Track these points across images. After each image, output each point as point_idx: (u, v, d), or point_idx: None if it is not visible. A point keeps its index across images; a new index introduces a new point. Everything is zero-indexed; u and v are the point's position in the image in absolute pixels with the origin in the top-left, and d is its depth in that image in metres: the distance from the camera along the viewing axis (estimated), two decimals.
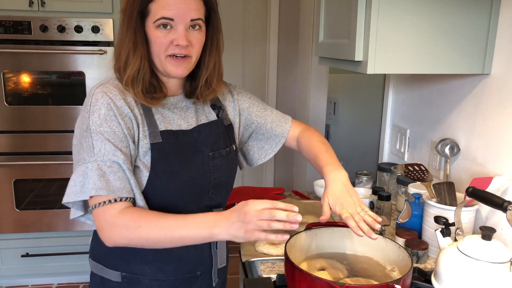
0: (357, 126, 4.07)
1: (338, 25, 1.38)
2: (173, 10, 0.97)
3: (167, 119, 1.07)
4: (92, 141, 0.96)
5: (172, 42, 0.99)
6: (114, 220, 0.95)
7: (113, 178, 0.95)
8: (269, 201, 0.87)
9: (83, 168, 0.96)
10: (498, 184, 1.21)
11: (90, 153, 0.96)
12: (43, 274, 2.79)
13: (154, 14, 0.98)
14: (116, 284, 1.11)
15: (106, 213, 0.95)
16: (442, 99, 1.56)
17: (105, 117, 0.97)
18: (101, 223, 0.96)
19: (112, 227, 0.95)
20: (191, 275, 1.15)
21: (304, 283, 0.95)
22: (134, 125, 1.01)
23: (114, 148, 0.96)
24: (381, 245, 1.12)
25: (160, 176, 1.03)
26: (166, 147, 1.03)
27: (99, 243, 1.03)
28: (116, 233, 0.95)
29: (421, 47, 1.22)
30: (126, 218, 0.95)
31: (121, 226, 0.95)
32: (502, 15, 1.24)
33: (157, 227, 0.94)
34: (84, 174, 0.96)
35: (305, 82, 3.05)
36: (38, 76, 2.50)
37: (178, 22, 0.98)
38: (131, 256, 1.09)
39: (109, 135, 0.97)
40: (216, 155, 1.12)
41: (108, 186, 0.94)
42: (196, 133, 1.09)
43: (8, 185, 2.58)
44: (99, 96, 0.99)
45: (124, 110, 1.00)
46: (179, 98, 1.12)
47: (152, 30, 1.00)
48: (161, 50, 1.00)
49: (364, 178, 1.78)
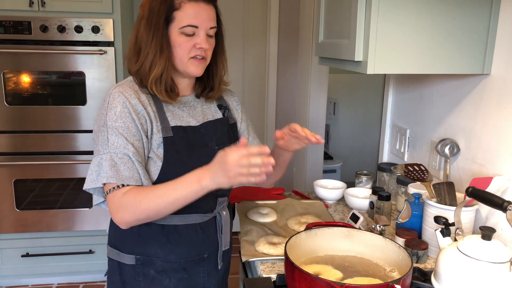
0: (357, 126, 4.07)
1: (338, 25, 1.38)
2: (198, 18, 1.12)
3: (177, 116, 1.19)
4: (108, 135, 1.09)
5: (195, 45, 1.14)
6: (120, 202, 1.07)
7: (123, 168, 1.07)
8: (243, 148, 0.97)
9: (98, 159, 1.10)
10: (498, 184, 1.21)
11: (105, 145, 1.09)
12: (43, 274, 2.79)
13: (179, 21, 1.12)
14: (131, 266, 1.22)
15: (114, 197, 1.07)
16: (442, 99, 1.56)
17: (120, 114, 1.10)
18: (111, 207, 1.08)
19: (119, 208, 1.07)
20: (199, 257, 1.26)
21: (304, 283, 0.95)
22: (147, 121, 1.13)
23: (126, 142, 1.08)
24: (381, 245, 1.13)
25: (172, 166, 1.14)
26: (176, 141, 1.15)
27: (116, 230, 1.23)
28: (125, 213, 1.07)
29: (421, 47, 1.22)
30: (129, 197, 1.06)
31: (126, 205, 1.07)
32: (502, 15, 1.24)
33: (154, 197, 1.06)
34: (99, 164, 1.09)
35: (305, 82, 3.05)
36: (38, 76, 2.50)
37: (201, 29, 1.13)
38: (146, 240, 1.20)
39: (122, 130, 1.09)
40: (221, 149, 1.17)
41: (117, 175, 1.07)
42: (204, 129, 1.22)
43: (8, 185, 2.58)
44: (116, 96, 1.12)
45: (138, 108, 1.12)
46: (189, 98, 1.25)
47: (177, 35, 1.13)
48: (185, 52, 1.14)
49: (364, 178, 1.78)
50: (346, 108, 4.03)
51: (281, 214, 1.58)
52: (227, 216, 1.30)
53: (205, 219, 1.25)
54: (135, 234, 1.20)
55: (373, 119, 4.02)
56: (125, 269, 1.23)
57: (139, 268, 1.21)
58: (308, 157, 3.04)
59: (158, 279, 1.22)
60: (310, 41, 2.89)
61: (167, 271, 1.22)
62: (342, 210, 1.66)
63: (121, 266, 1.24)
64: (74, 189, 2.65)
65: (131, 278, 1.22)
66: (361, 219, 1.41)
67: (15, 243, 2.69)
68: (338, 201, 1.75)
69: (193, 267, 1.25)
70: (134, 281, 1.22)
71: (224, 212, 1.29)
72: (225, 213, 1.29)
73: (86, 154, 2.59)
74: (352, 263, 1.14)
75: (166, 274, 1.22)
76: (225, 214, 1.29)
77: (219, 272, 1.33)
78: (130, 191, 1.07)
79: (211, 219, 1.26)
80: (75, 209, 2.66)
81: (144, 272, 1.22)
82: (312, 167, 3.06)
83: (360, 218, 1.42)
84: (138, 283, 1.22)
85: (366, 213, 1.60)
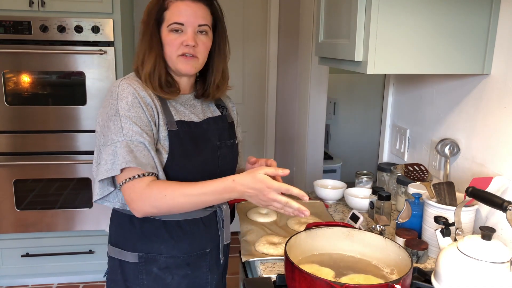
0: (357, 126, 4.07)
1: (338, 25, 1.38)
2: (184, 16, 1.15)
3: (180, 112, 1.22)
4: (121, 123, 1.10)
5: (182, 43, 1.16)
6: (143, 192, 1.08)
7: (140, 155, 1.09)
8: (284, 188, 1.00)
9: (112, 147, 1.10)
10: (498, 184, 1.21)
11: (119, 133, 1.10)
12: (43, 274, 2.79)
13: (168, 20, 1.16)
14: (134, 264, 1.23)
15: (136, 186, 1.08)
16: (442, 99, 1.56)
17: (132, 104, 1.12)
18: (131, 196, 1.09)
19: (141, 198, 1.08)
20: (202, 252, 1.28)
21: (304, 283, 0.95)
22: (155, 113, 1.16)
23: (141, 131, 1.11)
24: (381, 245, 1.12)
25: (177, 158, 1.17)
26: (181, 134, 1.18)
27: (117, 228, 1.25)
28: (146, 203, 1.09)
29: (421, 47, 1.22)
30: (153, 189, 1.08)
31: (150, 196, 1.08)
32: (502, 15, 1.24)
33: (181, 195, 1.08)
34: (114, 153, 1.09)
35: (305, 82, 3.05)
36: (38, 76, 2.50)
37: (187, 26, 1.16)
38: (148, 237, 1.21)
39: (136, 119, 1.11)
40: (223, 145, 1.27)
41: (136, 160, 1.08)
42: (206, 124, 1.25)
43: (8, 185, 2.58)
44: (125, 87, 1.14)
45: (147, 99, 1.16)
46: (189, 97, 1.28)
47: (166, 34, 1.17)
48: (173, 50, 1.17)
49: (364, 178, 1.78)
50: (346, 108, 4.03)
51: (281, 214, 1.58)
52: (227, 210, 1.31)
53: (206, 214, 1.26)
54: (137, 231, 1.21)
55: (373, 119, 4.02)
56: (127, 268, 1.23)
57: (142, 266, 1.22)
58: (308, 157, 3.04)
59: (161, 277, 1.23)
60: (310, 41, 2.89)
61: (170, 268, 1.23)
62: (342, 210, 1.66)
63: (123, 265, 1.24)
64: (74, 189, 2.65)
65: (133, 276, 1.23)
66: (361, 219, 1.41)
67: (15, 243, 2.69)
68: (338, 201, 1.75)
69: (196, 262, 1.27)
70: (136, 280, 1.22)
71: (224, 206, 1.30)
72: (225, 206, 1.30)
73: (86, 154, 2.59)
74: (351, 263, 1.14)
75: (169, 271, 1.23)
76: (225, 207, 1.30)
77: (220, 267, 1.34)
78: (155, 183, 1.09)
79: (212, 213, 1.28)
80: (75, 209, 2.66)
81: (147, 270, 1.22)
82: (312, 167, 3.06)
83: (360, 218, 1.42)
84: (141, 281, 1.22)
85: (366, 213, 1.60)
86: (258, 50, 3.25)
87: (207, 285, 1.30)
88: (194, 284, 1.27)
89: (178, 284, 1.25)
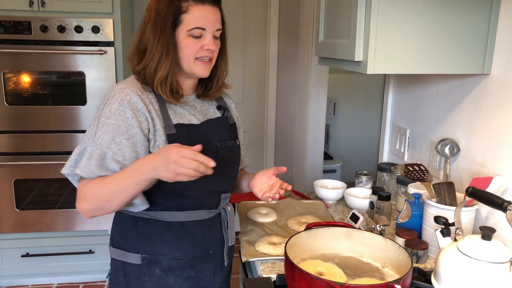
0: (357, 126, 4.07)
1: (338, 25, 1.38)
2: (206, 21, 1.15)
3: (179, 115, 1.21)
4: (97, 129, 1.13)
5: (202, 47, 1.16)
6: (80, 192, 1.12)
7: (93, 164, 1.10)
8: (195, 148, 1.01)
9: (81, 148, 1.14)
10: (498, 184, 1.21)
11: (91, 138, 1.13)
12: (43, 274, 2.79)
13: (187, 24, 1.14)
14: (137, 266, 1.22)
15: (79, 188, 1.13)
16: (442, 99, 1.56)
17: (115, 112, 1.12)
18: (76, 197, 1.13)
19: (80, 198, 1.13)
20: (205, 254, 1.27)
21: (304, 283, 0.95)
22: (147, 119, 1.15)
23: (110, 141, 1.11)
24: (381, 245, 1.13)
25: None
26: (180, 138, 1.17)
27: (120, 230, 1.25)
28: (83, 202, 1.12)
29: (421, 47, 1.22)
30: (87, 187, 1.11)
31: (85, 195, 1.12)
32: (502, 15, 1.24)
33: (103, 186, 1.09)
34: (80, 154, 1.13)
35: (305, 82, 3.05)
36: (38, 76, 2.50)
37: (208, 31, 1.16)
38: (152, 238, 1.21)
39: (113, 127, 1.11)
40: (223, 146, 1.27)
41: (88, 170, 1.10)
42: (205, 126, 1.24)
43: (8, 185, 2.58)
44: (117, 92, 1.14)
45: (138, 105, 1.14)
46: (190, 98, 1.27)
47: (184, 37, 1.15)
48: (192, 54, 1.16)
49: (364, 178, 1.78)
50: (346, 108, 4.03)
51: (281, 214, 1.58)
52: (232, 211, 1.31)
53: (210, 215, 1.26)
54: (140, 233, 1.21)
55: (373, 119, 4.02)
56: (130, 269, 1.23)
57: (145, 268, 1.21)
58: (308, 157, 3.04)
59: (164, 279, 1.22)
60: (310, 41, 2.89)
61: (173, 269, 1.22)
62: (342, 210, 1.66)
63: (125, 267, 1.24)
64: (74, 189, 2.63)
65: (136, 278, 1.22)
66: (361, 219, 1.41)
67: (15, 243, 2.69)
68: (338, 201, 1.75)
69: (199, 264, 1.26)
70: (139, 281, 1.22)
71: (228, 207, 1.31)
72: (229, 208, 1.31)
73: None
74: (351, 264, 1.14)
75: (172, 272, 1.23)
76: (230, 209, 1.31)
77: (224, 270, 1.34)
78: (90, 181, 1.11)
79: (216, 215, 1.28)
80: (75, 209, 2.64)
81: (150, 272, 1.22)
82: (312, 167, 3.06)
83: (360, 218, 1.42)
84: (144, 283, 1.22)
85: (366, 213, 1.60)
86: (258, 50, 3.25)
87: (210, 287, 1.30)
88: (197, 286, 1.27)
89: (181, 286, 1.24)
